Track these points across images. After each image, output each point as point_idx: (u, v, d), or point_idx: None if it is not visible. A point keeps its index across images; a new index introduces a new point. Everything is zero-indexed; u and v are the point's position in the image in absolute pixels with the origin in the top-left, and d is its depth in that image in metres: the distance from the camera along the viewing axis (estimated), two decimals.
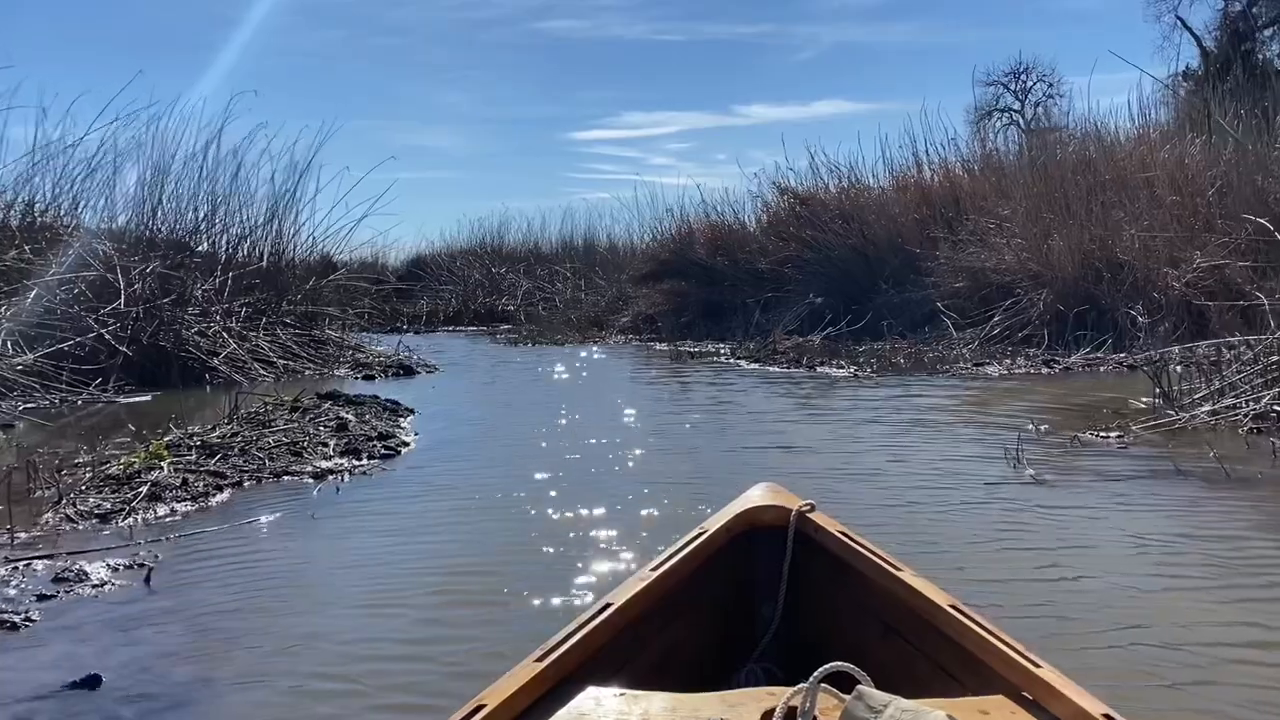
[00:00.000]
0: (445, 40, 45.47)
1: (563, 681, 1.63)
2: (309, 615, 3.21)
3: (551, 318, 20.57)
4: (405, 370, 11.65)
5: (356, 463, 5.60)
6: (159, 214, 12.97)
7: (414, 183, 40.40)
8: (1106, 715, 1.47)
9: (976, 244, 13.99)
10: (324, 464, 5.53)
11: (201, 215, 13.49)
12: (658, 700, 1.56)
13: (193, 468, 5.16)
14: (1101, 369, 10.06)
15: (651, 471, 5.43)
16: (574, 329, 18.83)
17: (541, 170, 46.73)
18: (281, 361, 11.72)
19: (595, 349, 16.18)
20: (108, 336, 10.42)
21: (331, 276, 15.28)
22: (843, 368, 10.88)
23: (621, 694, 1.59)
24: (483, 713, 1.49)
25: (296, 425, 6.34)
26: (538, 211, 37.02)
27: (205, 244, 13.60)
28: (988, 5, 42.48)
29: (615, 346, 16.65)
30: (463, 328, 23.25)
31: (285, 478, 5.28)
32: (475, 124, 48.08)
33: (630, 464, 5.72)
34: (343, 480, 5.29)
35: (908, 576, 1.92)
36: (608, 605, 1.83)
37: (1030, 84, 32.75)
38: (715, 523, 2.10)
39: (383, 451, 5.88)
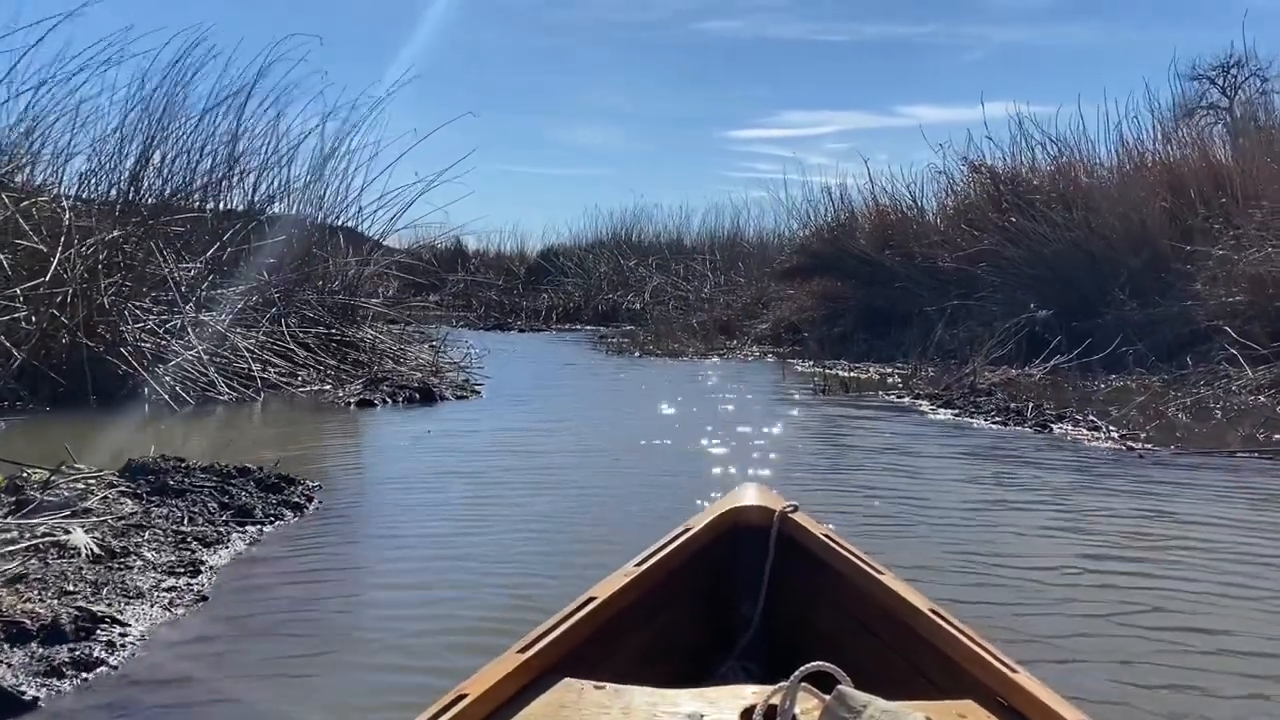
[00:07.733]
0: (604, 41, 44.23)
1: (544, 673, 1.59)
2: None
3: (675, 320, 16.82)
4: (424, 395, 8.06)
5: None
6: (151, 165, 9.75)
7: (567, 179, 38.54)
8: None
9: (1273, 242, 9.62)
10: None
11: (219, 173, 10.29)
12: (638, 694, 1.52)
13: None
14: None
15: None
16: (697, 337, 14.99)
17: (695, 166, 44.39)
18: (265, 375, 8.33)
19: (719, 364, 12.38)
20: None
21: (383, 261, 11.87)
22: (1095, 426, 6.70)
23: (602, 687, 1.54)
24: (464, 702, 1.44)
25: None
26: (681, 206, 34.43)
27: (224, 199, 10.45)
28: (1167, 4, 37.52)
29: (746, 362, 12.78)
30: (578, 326, 20.13)
31: None
32: (630, 123, 46.78)
33: None
34: None
35: (888, 579, 1.88)
36: (591, 599, 1.77)
37: (1242, 79, 27.59)
38: (700, 521, 2.04)
39: None
